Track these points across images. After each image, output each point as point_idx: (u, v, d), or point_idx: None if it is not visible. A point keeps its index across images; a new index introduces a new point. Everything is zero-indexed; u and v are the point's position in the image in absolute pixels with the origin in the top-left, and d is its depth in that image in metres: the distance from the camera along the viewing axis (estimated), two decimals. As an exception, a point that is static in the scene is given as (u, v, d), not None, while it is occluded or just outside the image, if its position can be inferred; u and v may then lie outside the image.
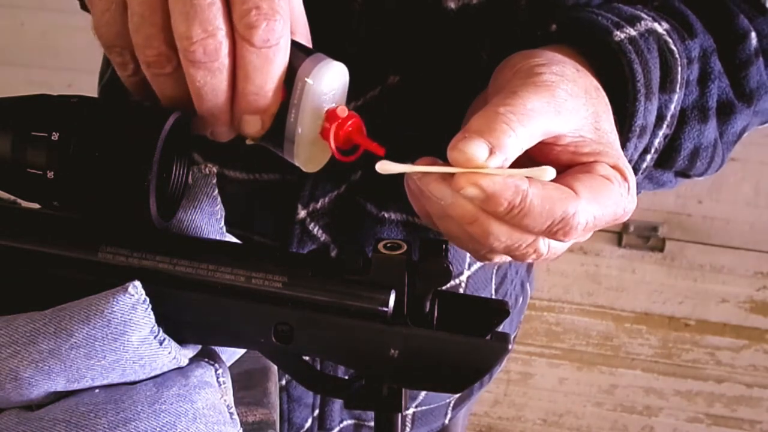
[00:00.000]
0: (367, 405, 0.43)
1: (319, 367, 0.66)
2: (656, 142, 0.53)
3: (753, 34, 0.57)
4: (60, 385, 0.39)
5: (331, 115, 0.43)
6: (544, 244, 0.45)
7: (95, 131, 0.39)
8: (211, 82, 0.40)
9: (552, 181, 0.42)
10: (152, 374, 0.41)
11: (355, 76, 0.45)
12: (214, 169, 0.46)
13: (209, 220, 0.46)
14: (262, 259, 0.42)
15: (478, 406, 1.96)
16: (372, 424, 0.72)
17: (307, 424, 0.70)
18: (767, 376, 1.84)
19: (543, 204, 0.41)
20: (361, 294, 0.40)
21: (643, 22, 0.50)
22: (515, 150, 0.41)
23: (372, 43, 0.56)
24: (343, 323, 0.40)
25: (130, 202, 0.40)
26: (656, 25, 0.51)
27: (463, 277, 0.66)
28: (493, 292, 0.72)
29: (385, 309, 0.40)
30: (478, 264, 0.67)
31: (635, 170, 0.53)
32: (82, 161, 0.39)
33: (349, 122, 0.43)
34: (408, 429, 0.75)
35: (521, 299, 0.81)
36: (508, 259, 0.47)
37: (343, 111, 0.43)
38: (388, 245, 0.41)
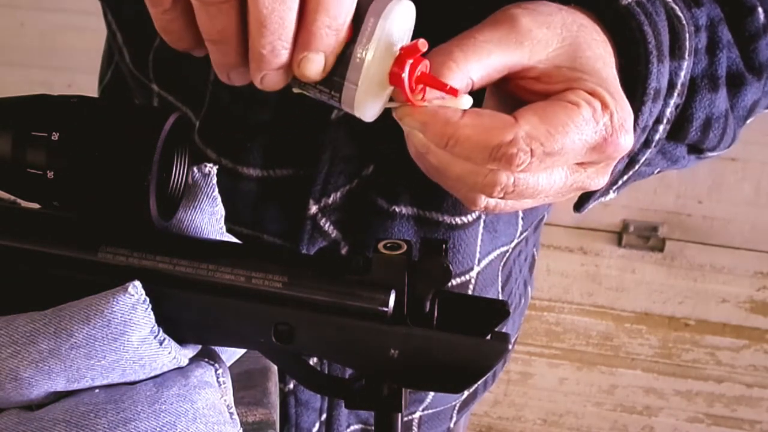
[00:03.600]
0: (367, 405, 0.43)
1: (327, 370, 0.66)
2: (668, 111, 0.52)
3: (760, 9, 0.57)
4: (60, 385, 0.39)
5: (405, 53, 0.41)
6: (506, 177, 0.44)
7: (95, 131, 0.39)
8: (279, 9, 0.37)
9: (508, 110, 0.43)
10: (152, 374, 0.41)
11: None
12: (215, 169, 0.46)
13: (209, 220, 0.46)
14: (262, 259, 0.42)
15: (478, 406, 1.96)
16: None
17: (315, 429, 0.69)
18: (767, 376, 1.84)
19: (478, 133, 0.41)
20: (361, 294, 0.40)
21: None
22: (460, 82, 0.42)
23: None
24: (343, 323, 0.40)
25: (130, 202, 0.40)
26: None
27: (473, 273, 0.66)
28: (500, 289, 0.72)
29: (385, 309, 0.40)
30: (487, 260, 0.67)
31: (648, 142, 0.52)
32: (82, 161, 0.39)
33: (422, 62, 0.41)
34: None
35: (523, 300, 0.81)
36: (495, 202, 0.46)
37: (423, 45, 0.41)
38: (388, 245, 0.41)
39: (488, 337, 0.40)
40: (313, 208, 0.61)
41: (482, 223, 0.64)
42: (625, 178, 0.54)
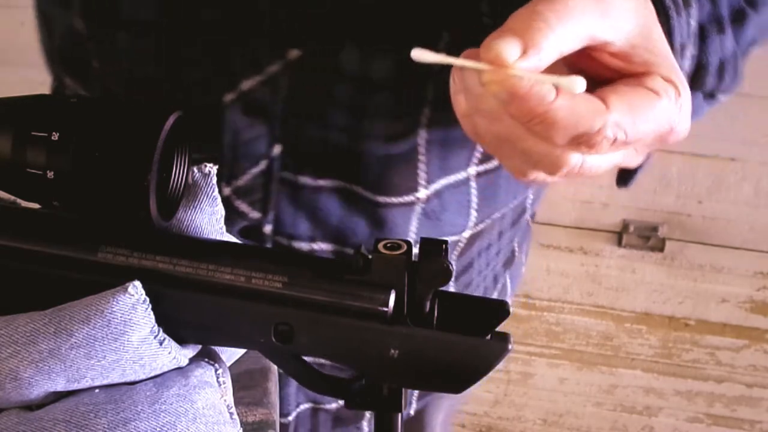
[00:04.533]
0: (367, 405, 0.43)
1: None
2: (687, 65, 0.51)
3: None
4: (60, 385, 0.39)
5: None
6: (577, 159, 0.43)
7: (95, 131, 0.39)
8: None
9: (593, 92, 0.40)
10: (152, 374, 0.41)
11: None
12: (214, 169, 0.46)
13: (209, 220, 0.46)
14: (262, 259, 0.42)
15: (478, 406, 1.96)
16: (329, 407, 0.72)
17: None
18: (767, 376, 1.84)
19: (568, 117, 0.40)
20: (361, 294, 0.40)
21: None
22: (552, 51, 0.39)
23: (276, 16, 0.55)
24: (343, 323, 0.40)
25: (130, 201, 0.40)
26: None
27: None
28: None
29: (385, 309, 0.40)
30: None
31: None
32: (82, 161, 0.39)
33: None
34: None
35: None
36: (544, 177, 0.45)
37: None
38: (388, 245, 0.41)
39: (488, 337, 0.40)
40: (226, 191, 0.60)
41: (419, 209, 0.63)
42: None
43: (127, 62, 0.58)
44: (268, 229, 0.62)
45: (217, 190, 0.46)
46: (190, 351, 0.43)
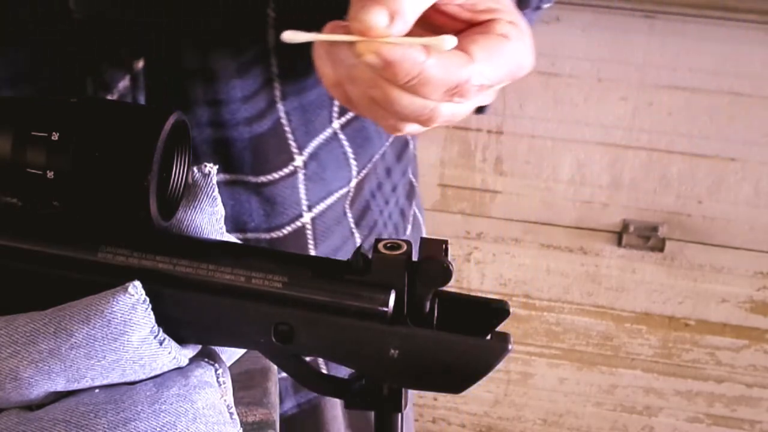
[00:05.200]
0: (367, 405, 0.43)
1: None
2: None
3: None
4: (60, 385, 0.39)
5: None
6: (448, 108, 0.47)
7: (95, 131, 0.39)
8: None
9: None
10: (152, 374, 0.41)
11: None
12: (215, 169, 0.46)
13: (209, 220, 0.46)
14: (262, 259, 0.42)
15: (478, 406, 1.96)
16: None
17: None
18: (767, 376, 1.84)
19: (440, 73, 0.43)
20: (361, 294, 0.40)
21: None
22: (413, 13, 0.43)
23: None
24: (343, 323, 0.40)
25: (130, 202, 0.40)
26: None
27: (305, 220, 0.66)
28: (354, 225, 0.72)
29: (385, 309, 0.40)
30: (324, 204, 0.67)
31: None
32: (82, 161, 0.39)
33: None
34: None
35: (407, 226, 0.81)
36: (418, 128, 0.48)
37: None
38: (388, 245, 0.41)
39: (488, 337, 0.40)
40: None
41: (301, 176, 0.65)
42: None
43: None
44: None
45: (217, 190, 0.46)
46: (190, 351, 0.43)
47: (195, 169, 0.45)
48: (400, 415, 0.43)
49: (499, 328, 0.42)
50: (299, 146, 0.63)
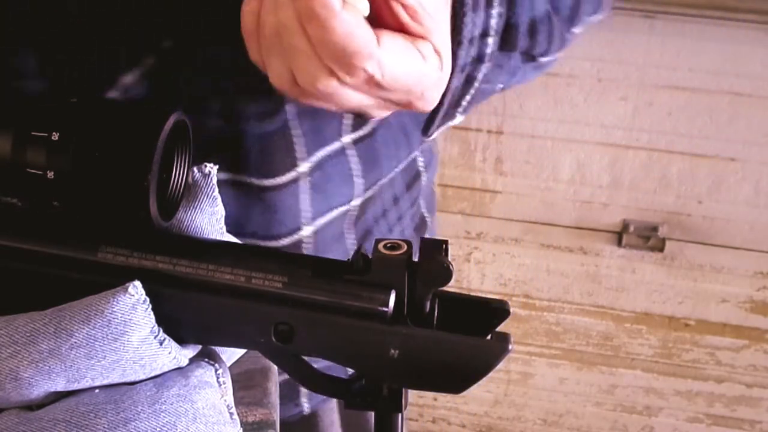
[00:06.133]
0: (367, 405, 0.43)
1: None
2: (493, 22, 0.54)
3: None
4: (60, 385, 0.39)
5: None
6: (331, 83, 0.46)
7: (95, 131, 0.39)
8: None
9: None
10: (152, 374, 0.41)
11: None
12: (215, 169, 0.46)
13: (209, 220, 0.46)
14: (262, 259, 0.42)
15: (478, 406, 1.96)
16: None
17: None
18: (767, 376, 1.84)
19: (342, 32, 0.43)
20: (361, 294, 0.40)
21: None
22: None
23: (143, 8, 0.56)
24: (343, 323, 0.40)
25: (130, 202, 0.40)
26: None
27: (305, 233, 0.66)
28: (354, 245, 0.72)
29: (385, 309, 0.40)
30: (325, 219, 0.67)
31: (481, 57, 0.55)
32: (82, 161, 0.39)
33: None
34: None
35: (423, 231, 0.81)
36: (299, 93, 0.48)
37: None
38: (388, 245, 0.41)
39: (488, 337, 0.40)
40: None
41: (305, 184, 0.65)
42: (468, 98, 0.57)
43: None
44: None
45: (217, 190, 0.46)
46: (190, 351, 0.43)
47: (195, 169, 0.45)
48: (400, 415, 0.43)
49: (499, 328, 0.42)
50: (306, 152, 0.63)
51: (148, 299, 0.39)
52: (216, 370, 0.43)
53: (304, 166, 0.63)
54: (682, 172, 1.67)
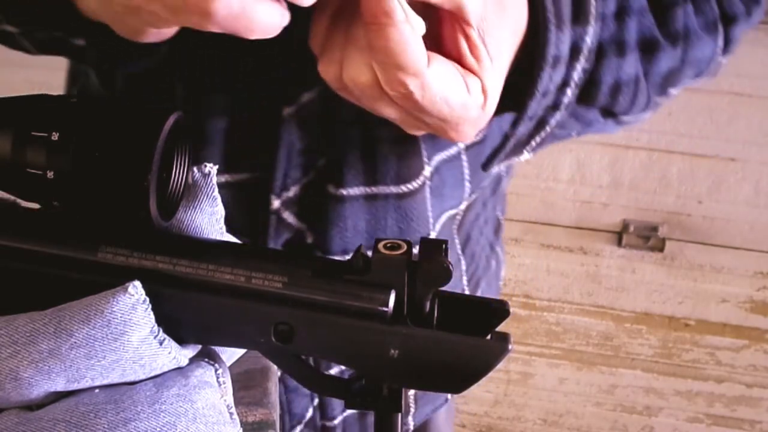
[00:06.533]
0: (367, 405, 0.43)
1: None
2: (575, 75, 0.53)
3: None
4: (60, 385, 0.39)
5: None
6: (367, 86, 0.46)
7: (95, 131, 0.39)
8: None
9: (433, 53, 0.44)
10: (152, 374, 0.41)
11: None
12: (215, 169, 0.46)
13: (209, 220, 0.46)
14: (262, 259, 0.42)
15: (478, 406, 1.96)
16: None
17: (308, 414, 0.70)
18: (767, 376, 1.84)
19: (397, 41, 0.42)
20: (361, 294, 0.40)
21: None
22: None
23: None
24: (343, 323, 0.40)
25: (130, 202, 0.40)
26: None
27: (433, 235, 0.67)
28: (460, 252, 0.73)
29: (385, 309, 0.40)
30: (440, 223, 0.68)
31: (556, 105, 0.54)
32: (82, 161, 0.39)
33: None
34: (412, 410, 0.75)
35: (493, 262, 0.82)
36: (336, 79, 0.48)
37: None
38: (388, 245, 0.41)
39: (488, 337, 0.40)
40: (276, 203, 0.63)
41: (428, 188, 0.66)
42: (538, 139, 0.57)
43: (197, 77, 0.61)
44: (310, 239, 0.64)
45: (217, 190, 0.46)
46: (190, 351, 0.43)
47: (195, 169, 0.45)
48: (399, 415, 0.43)
49: (499, 328, 0.41)
50: (428, 156, 0.64)
51: (148, 299, 0.39)
52: (216, 370, 0.43)
53: (427, 170, 0.64)
54: (682, 172, 1.67)
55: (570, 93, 0.54)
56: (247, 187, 0.64)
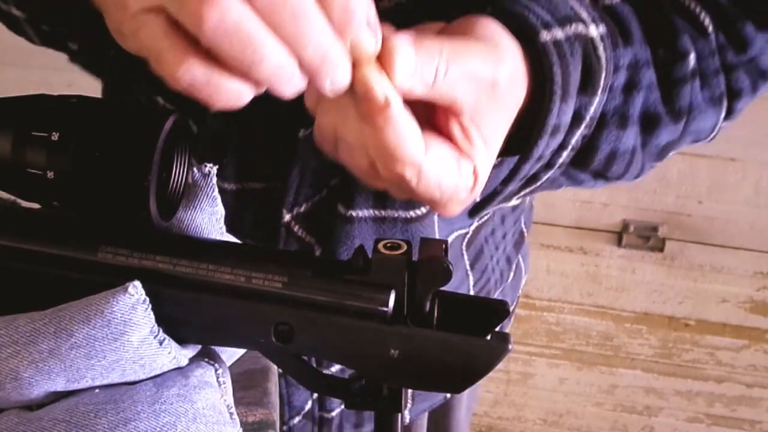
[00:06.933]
0: (367, 405, 0.43)
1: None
2: (573, 140, 0.54)
3: (693, 56, 0.58)
4: (60, 385, 0.39)
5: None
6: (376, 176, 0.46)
7: (95, 131, 0.39)
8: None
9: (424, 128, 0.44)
10: (152, 374, 0.41)
11: None
12: (214, 169, 0.46)
13: (209, 220, 0.46)
14: (262, 259, 0.42)
15: (478, 406, 1.96)
16: None
17: (308, 407, 0.71)
18: (767, 376, 1.84)
19: (396, 137, 0.42)
20: (361, 294, 0.40)
21: (574, 25, 0.51)
22: (429, 93, 0.42)
23: None
24: (343, 323, 0.40)
25: (130, 201, 0.40)
26: (591, 28, 0.51)
27: None
28: (468, 267, 0.73)
29: (385, 309, 0.40)
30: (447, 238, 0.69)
31: (550, 165, 0.54)
32: (82, 161, 0.39)
33: None
34: (409, 405, 0.75)
35: (510, 274, 0.82)
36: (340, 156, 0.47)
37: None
38: (388, 245, 0.41)
39: (488, 337, 0.40)
40: (287, 217, 0.63)
41: (436, 213, 0.66)
42: (528, 190, 0.57)
43: None
44: (318, 253, 0.65)
45: (217, 190, 0.46)
46: (190, 351, 0.43)
47: (195, 169, 0.45)
48: (399, 415, 0.43)
49: (499, 328, 0.42)
50: None
51: (148, 299, 0.39)
52: (216, 370, 0.43)
53: None
54: (682, 172, 1.67)
55: (566, 155, 0.54)
56: (259, 197, 0.65)
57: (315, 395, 0.71)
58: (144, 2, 0.37)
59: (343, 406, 0.72)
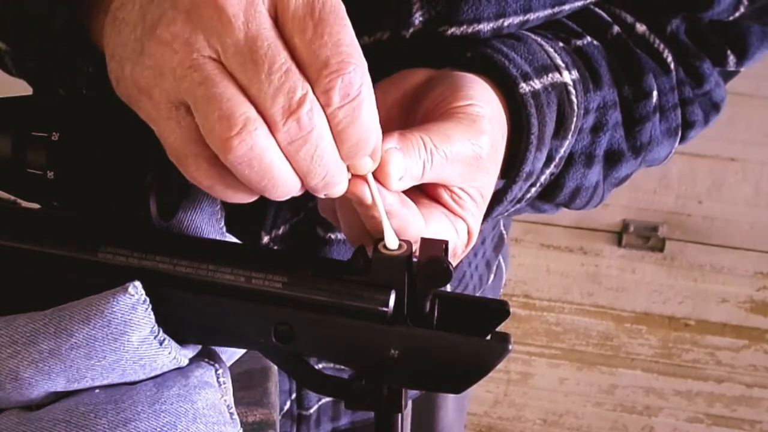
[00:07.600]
0: (367, 405, 0.43)
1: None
2: (542, 178, 0.56)
3: (655, 93, 0.61)
4: (60, 385, 0.39)
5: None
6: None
7: (95, 131, 0.39)
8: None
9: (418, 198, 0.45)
10: (152, 374, 0.41)
11: None
12: None
13: (209, 220, 0.46)
14: (262, 259, 0.42)
15: (478, 406, 1.96)
16: None
17: (286, 406, 0.72)
18: (767, 376, 1.84)
19: (400, 225, 0.42)
20: (361, 294, 0.40)
21: (550, 75, 0.53)
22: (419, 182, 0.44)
23: None
24: (343, 323, 0.40)
25: (130, 202, 0.40)
26: (565, 74, 0.54)
27: None
28: None
29: (385, 309, 0.40)
30: None
31: (520, 200, 0.56)
32: (82, 161, 0.39)
33: None
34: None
35: (490, 276, 0.83)
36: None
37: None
38: (388, 245, 0.41)
39: (488, 337, 0.40)
40: (265, 238, 0.64)
41: None
42: (490, 218, 0.58)
43: None
44: None
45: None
46: (190, 351, 0.43)
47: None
48: (400, 415, 0.43)
49: (499, 328, 0.42)
50: None
51: (148, 299, 0.39)
52: (216, 370, 0.43)
53: None
54: (682, 172, 1.67)
55: (534, 191, 0.56)
56: (238, 219, 0.65)
57: (294, 395, 0.72)
58: (170, 95, 0.37)
59: (320, 403, 0.73)
